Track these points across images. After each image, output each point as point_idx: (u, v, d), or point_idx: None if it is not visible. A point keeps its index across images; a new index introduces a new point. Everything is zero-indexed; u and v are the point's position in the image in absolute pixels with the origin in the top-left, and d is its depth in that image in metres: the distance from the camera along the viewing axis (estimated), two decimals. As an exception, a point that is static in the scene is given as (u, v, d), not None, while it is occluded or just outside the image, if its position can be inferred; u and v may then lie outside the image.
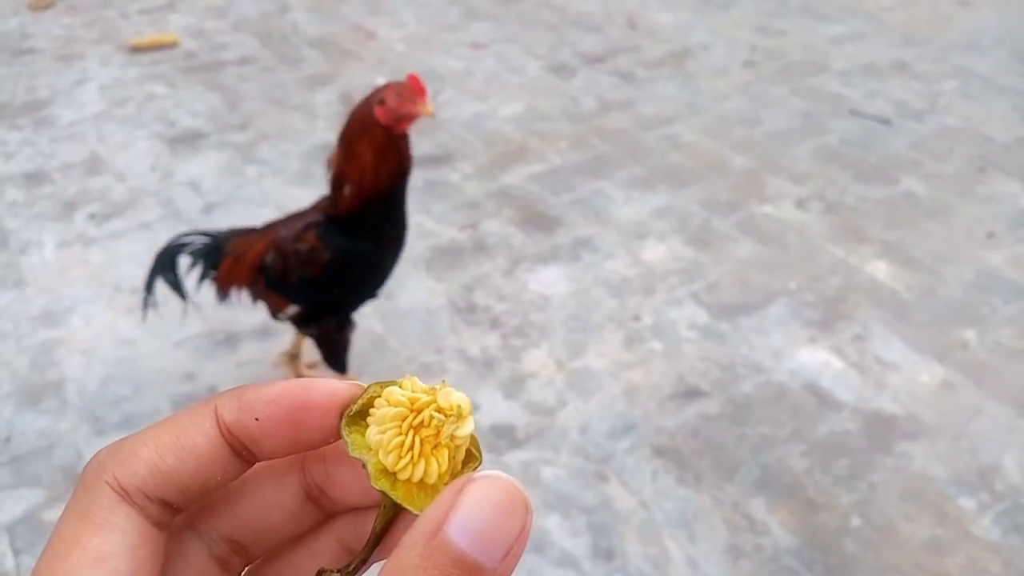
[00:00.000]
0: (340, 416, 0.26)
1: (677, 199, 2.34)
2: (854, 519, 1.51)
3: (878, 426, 1.70)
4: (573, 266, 2.10)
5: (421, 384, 0.26)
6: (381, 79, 2.81)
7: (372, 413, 0.26)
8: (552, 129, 2.65)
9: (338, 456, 0.27)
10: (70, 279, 2.02)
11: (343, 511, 0.28)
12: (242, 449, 0.26)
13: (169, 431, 0.25)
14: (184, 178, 2.38)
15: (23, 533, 1.48)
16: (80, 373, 1.79)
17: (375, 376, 1.75)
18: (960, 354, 1.86)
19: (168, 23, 3.19)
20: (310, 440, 0.26)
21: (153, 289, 1.60)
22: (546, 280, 2.05)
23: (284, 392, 0.25)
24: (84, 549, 0.23)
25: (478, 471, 0.23)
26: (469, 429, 0.25)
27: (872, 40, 3.24)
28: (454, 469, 0.25)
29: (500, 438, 1.65)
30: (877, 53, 3.14)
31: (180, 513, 0.26)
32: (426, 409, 0.25)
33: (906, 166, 2.49)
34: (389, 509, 0.25)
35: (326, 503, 0.28)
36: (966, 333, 1.91)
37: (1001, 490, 1.57)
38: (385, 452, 0.25)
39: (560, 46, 3.15)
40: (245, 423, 0.25)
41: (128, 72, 2.87)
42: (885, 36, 3.27)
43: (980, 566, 1.44)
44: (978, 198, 2.36)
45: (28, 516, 1.50)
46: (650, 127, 2.67)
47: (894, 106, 2.80)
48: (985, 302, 2.00)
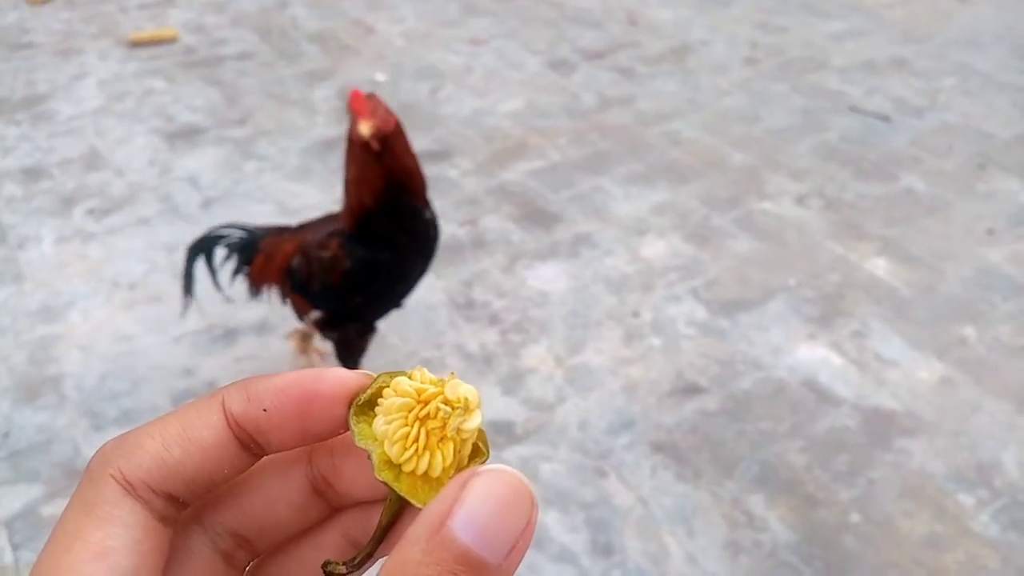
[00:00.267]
0: (349, 406, 0.25)
1: (676, 195, 2.33)
2: (853, 515, 1.51)
3: (877, 422, 1.70)
4: (572, 262, 2.10)
5: (430, 375, 0.26)
6: (380, 75, 2.81)
7: (380, 403, 0.25)
8: (551, 125, 2.65)
9: (346, 448, 0.26)
10: (68, 274, 2.02)
11: (350, 505, 0.28)
12: (249, 441, 0.25)
13: (175, 424, 0.25)
14: (183, 173, 2.37)
15: (22, 528, 1.48)
16: (78, 369, 1.78)
17: (375, 372, 1.75)
18: (959, 351, 1.86)
19: (167, 18, 3.18)
20: (318, 431, 0.26)
21: (192, 277, 1.61)
22: (545, 276, 2.05)
23: (293, 382, 0.25)
24: (86, 543, 0.23)
25: (484, 466, 0.22)
26: (476, 423, 0.24)
27: (872, 37, 3.24)
28: (459, 463, 0.25)
29: (499, 434, 1.65)
30: (877, 50, 3.14)
31: (186, 508, 0.25)
32: (433, 401, 0.25)
33: (906, 163, 2.49)
34: (395, 503, 0.25)
35: (332, 497, 0.27)
36: (965, 330, 1.91)
37: (1000, 486, 1.57)
38: (390, 443, 0.24)
39: (559, 42, 3.15)
40: (253, 414, 0.25)
41: (127, 67, 2.86)
42: (885, 33, 3.27)
43: (979, 562, 1.44)
44: (978, 195, 2.36)
45: (27, 511, 1.50)
46: (650, 123, 2.67)
47: (894, 103, 2.80)
48: (984, 299, 2.00)
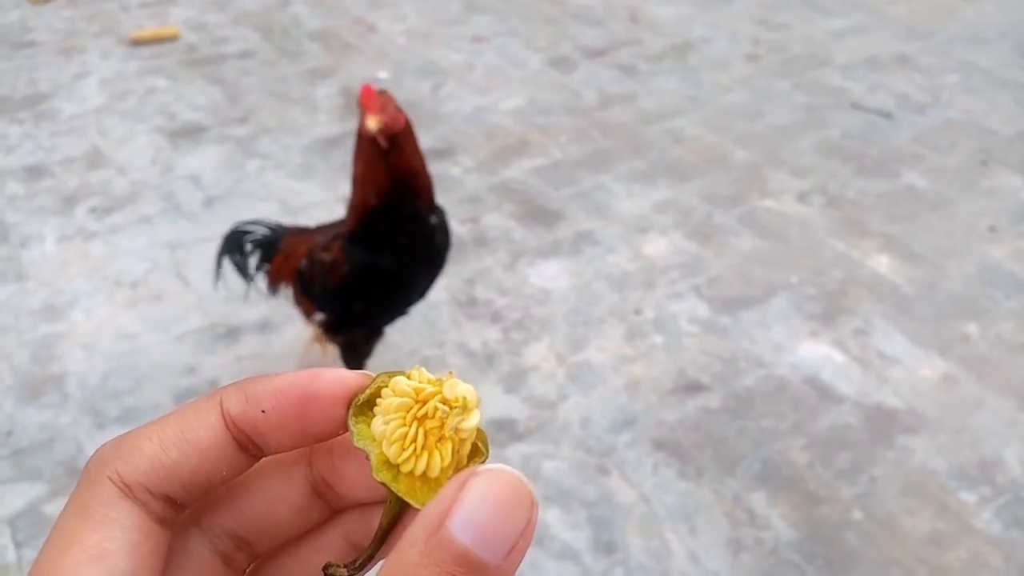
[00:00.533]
0: (348, 407, 0.25)
1: (679, 193, 2.33)
2: (855, 512, 1.51)
3: (879, 420, 1.70)
4: (574, 260, 2.10)
5: (429, 375, 0.25)
6: (382, 73, 2.81)
7: (378, 403, 0.25)
8: (553, 123, 2.65)
9: (345, 450, 0.26)
10: (70, 273, 2.02)
11: (350, 506, 0.27)
12: (248, 443, 0.25)
13: (173, 425, 0.25)
14: (185, 172, 2.38)
15: (24, 526, 1.48)
16: (81, 367, 1.79)
17: (376, 371, 1.75)
18: (962, 348, 1.86)
19: (169, 16, 3.18)
20: (317, 432, 0.26)
21: (222, 264, 1.62)
22: (547, 274, 2.05)
23: (291, 383, 0.25)
24: (83, 545, 0.23)
25: (483, 465, 0.22)
26: (474, 422, 0.24)
27: (874, 33, 3.23)
28: (458, 463, 0.25)
29: (501, 432, 1.65)
30: (879, 46, 3.13)
31: (184, 510, 0.25)
32: (431, 400, 0.24)
33: (908, 160, 2.49)
34: (395, 504, 0.25)
35: (333, 498, 0.27)
36: (968, 327, 1.91)
37: (1002, 483, 1.57)
38: (388, 443, 0.24)
39: (561, 40, 3.15)
40: (251, 416, 0.25)
41: (129, 66, 2.86)
42: (887, 29, 3.26)
43: (981, 560, 1.44)
44: (980, 192, 2.36)
45: (29, 509, 1.51)
46: (651, 121, 2.66)
47: (896, 100, 2.79)
48: (987, 296, 2.00)
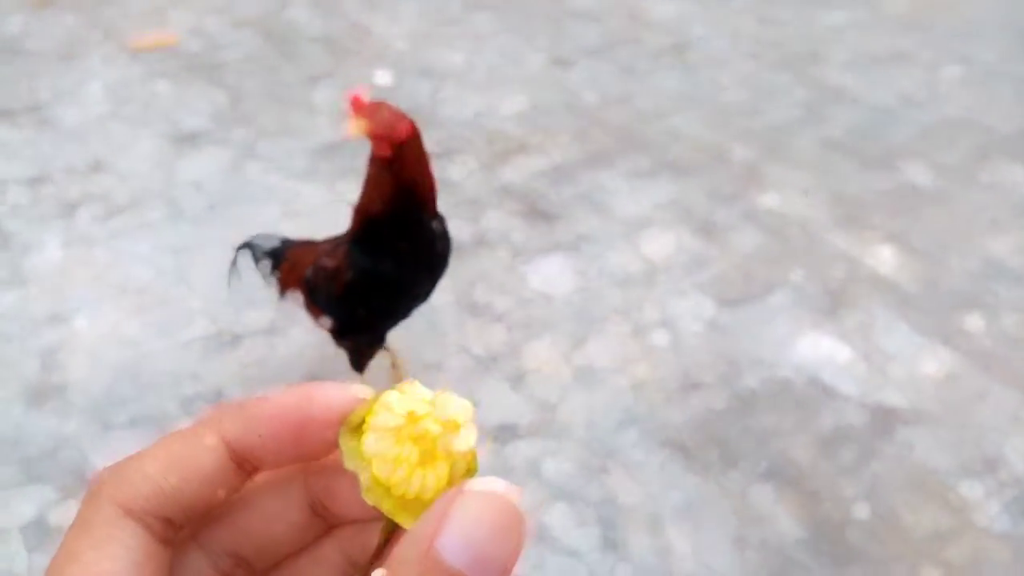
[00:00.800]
0: (340, 427, 0.25)
1: (679, 191, 2.34)
2: (859, 509, 1.52)
3: (882, 415, 1.70)
4: (576, 259, 2.10)
5: (423, 389, 0.25)
6: (382, 75, 2.81)
7: (370, 420, 0.25)
8: (553, 123, 2.65)
9: (339, 468, 0.27)
10: (74, 280, 2.03)
11: (347, 523, 0.28)
12: (244, 461, 0.26)
13: (172, 449, 0.25)
14: (187, 177, 2.38)
15: (35, 533, 1.49)
16: (86, 374, 1.80)
17: (377, 374, 1.76)
18: (965, 342, 1.86)
19: (169, 21, 3.19)
20: (313, 453, 0.26)
21: (237, 264, 1.67)
22: (549, 274, 2.05)
23: (285, 408, 0.26)
24: (86, 565, 0.23)
25: (470, 482, 0.22)
26: (468, 443, 0.24)
27: (873, 28, 3.23)
28: (451, 481, 0.24)
29: (505, 432, 1.66)
30: (878, 41, 3.13)
31: (183, 530, 0.26)
32: (423, 420, 0.24)
33: (908, 155, 2.49)
34: (391, 522, 0.25)
35: (329, 515, 0.28)
36: (971, 321, 1.91)
37: (1006, 478, 1.57)
38: (381, 463, 0.24)
39: (560, 38, 3.15)
40: (249, 441, 0.25)
41: (131, 71, 2.87)
42: (886, 24, 3.26)
43: (986, 555, 1.44)
44: (981, 186, 2.36)
45: (40, 516, 1.51)
46: (651, 119, 2.67)
47: (896, 95, 2.79)
48: (989, 290, 2.00)
